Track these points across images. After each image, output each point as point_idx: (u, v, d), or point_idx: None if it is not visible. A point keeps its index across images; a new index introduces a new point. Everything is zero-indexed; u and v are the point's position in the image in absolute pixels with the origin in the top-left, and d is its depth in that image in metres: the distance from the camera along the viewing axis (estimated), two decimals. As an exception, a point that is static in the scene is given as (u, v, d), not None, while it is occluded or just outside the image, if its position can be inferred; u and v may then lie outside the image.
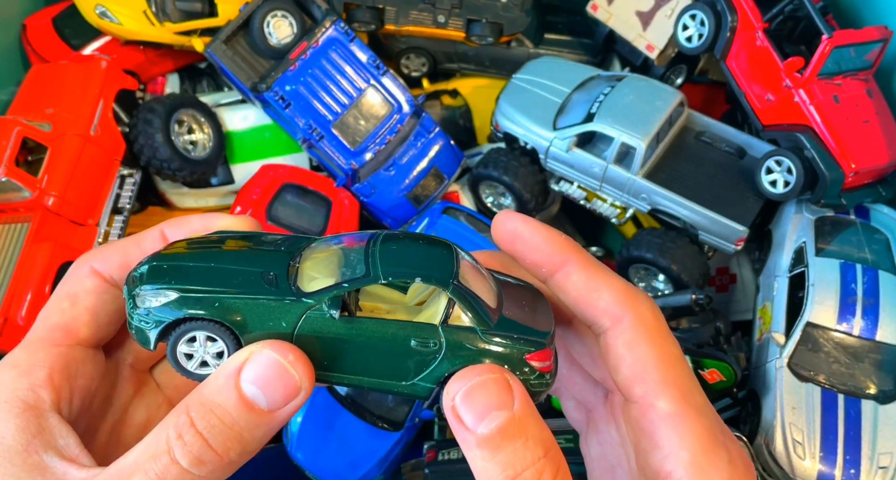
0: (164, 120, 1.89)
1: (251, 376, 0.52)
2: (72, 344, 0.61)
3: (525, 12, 2.04)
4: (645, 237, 1.86)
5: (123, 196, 1.90)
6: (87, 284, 0.63)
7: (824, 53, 1.61)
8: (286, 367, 0.53)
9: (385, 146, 2.01)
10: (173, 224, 0.66)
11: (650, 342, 0.57)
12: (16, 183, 1.66)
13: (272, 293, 0.55)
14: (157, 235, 0.65)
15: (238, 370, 0.52)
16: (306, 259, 0.59)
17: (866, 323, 1.54)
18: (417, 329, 0.56)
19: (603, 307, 0.59)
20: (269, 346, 0.53)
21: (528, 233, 0.63)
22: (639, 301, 0.59)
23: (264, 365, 0.52)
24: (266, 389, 0.52)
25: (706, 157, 1.89)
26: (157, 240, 0.65)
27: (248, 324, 0.55)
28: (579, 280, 0.60)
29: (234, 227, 0.65)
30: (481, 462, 0.51)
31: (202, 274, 0.56)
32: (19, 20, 2.12)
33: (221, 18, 2.00)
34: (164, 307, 0.54)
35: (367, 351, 0.56)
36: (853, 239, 1.68)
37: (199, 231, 0.65)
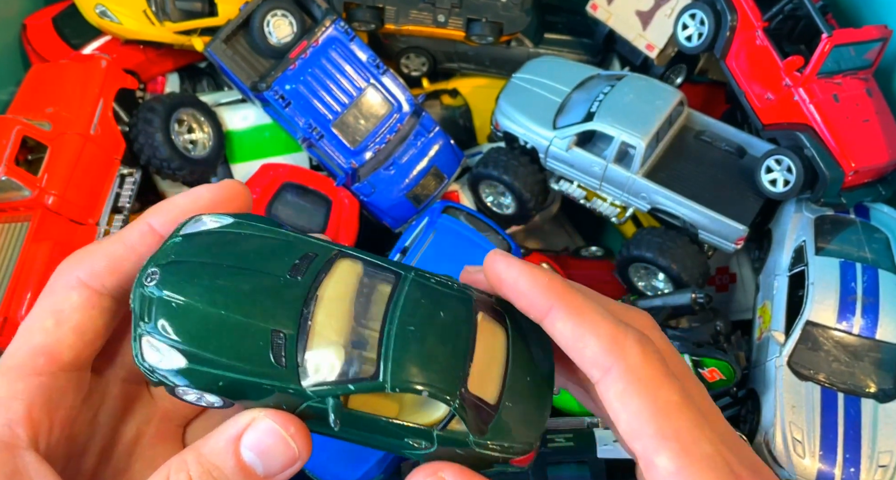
0: (164, 119, 1.89)
1: (251, 443, 0.52)
2: (55, 370, 0.55)
3: (525, 12, 2.04)
4: (645, 236, 1.86)
5: (123, 195, 1.90)
6: (73, 299, 0.57)
7: (824, 52, 1.62)
8: (286, 439, 0.53)
9: (385, 145, 2.01)
10: (159, 212, 0.60)
11: (642, 393, 0.52)
12: (16, 182, 1.66)
13: (278, 378, 0.53)
14: (144, 229, 0.59)
15: (239, 435, 0.52)
16: (321, 303, 0.55)
17: (866, 322, 1.54)
18: (413, 432, 0.56)
19: (590, 357, 0.55)
20: (270, 416, 0.53)
21: (511, 277, 0.58)
22: (626, 346, 0.54)
23: (265, 434, 0.52)
24: (265, 457, 0.52)
25: (706, 157, 1.89)
26: (145, 236, 0.59)
27: (249, 397, 0.55)
28: (564, 328, 0.56)
29: (222, 200, 0.60)
30: None
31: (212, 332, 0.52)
32: (19, 19, 2.12)
33: (221, 18, 2.00)
34: (172, 371, 0.52)
35: (363, 436, 0.57)
36: (853, 238, 1.68)
37: (184, 206, 0.59)
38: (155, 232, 0.59)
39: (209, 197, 0.60)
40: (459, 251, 1.90)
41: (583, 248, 2.32)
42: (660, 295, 1.77)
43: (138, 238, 0.59)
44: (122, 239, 0.59)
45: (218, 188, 0.60)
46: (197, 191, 0.60)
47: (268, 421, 0.52)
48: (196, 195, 0.60)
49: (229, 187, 0.61)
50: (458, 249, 1.90)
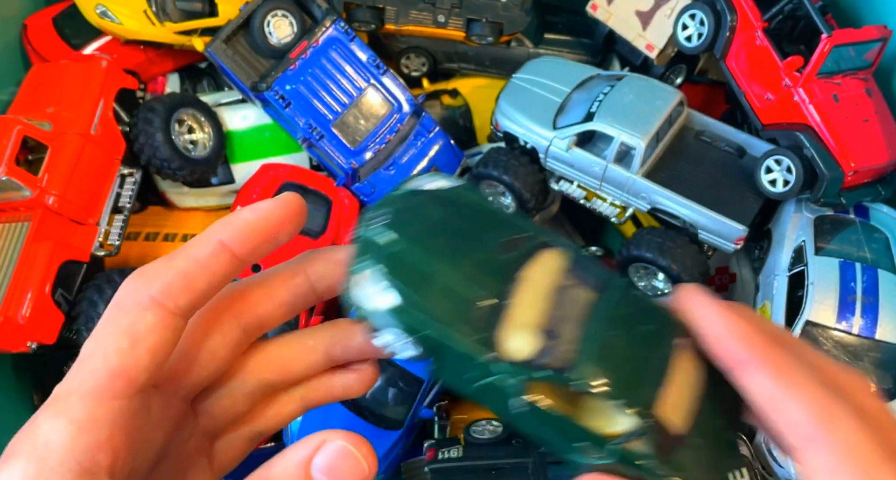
0: (164, 119, 1.89)
1: (323, 465, 0.50)
2: (132, 394, 0.53)
3: (525, 12, 2.05)
4: (644, 236, 1.87)
5: (124, 195, 1.90)
6: (148, 320, 0.54)
7: (823, 52, 1.62)
8: (359, 460, 0.51)
9: (385, 145, 2.01)
10: (227, 228, 0.58)
11: (857, 475, 0.48)
12: (16, 182, 1.66)
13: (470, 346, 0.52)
14: (217, 247, 0.57)
15: (310, 458, 0.50)
16: (525, 285, 0.54)
17: (866, 322, 1.54)
18: (590, 438, 0.52)
19: (792, 423, 0.50)
20: (342, 437, 0.52)
21: (706, 317, 0.55)
22: (839, 418, 0.49)
23: (338, 456, 0.51)
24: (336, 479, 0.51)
25: (706, 157, 1.89)
26: (217, 254, 0.57)
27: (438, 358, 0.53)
28: (762, 386, 0.52)
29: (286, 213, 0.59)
30: None
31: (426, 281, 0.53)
32: (20, 20, 2.12)
33: (222, 18, 2.00)
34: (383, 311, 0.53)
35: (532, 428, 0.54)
36: (852, 238, 1.69)
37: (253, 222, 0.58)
38: (226, 248, 0.57)
39: (274, 211, 0.59)
40: (459, 251, 1.90)
41: (583, 248, 2.32)
42: (659, 295, 1.78)
43: (210, 256, 0.57)
44: (195, 256, 0.57)
45: (282, 203, 0.60)
46: (262, 206, 0.59)
47: (340, 443, 0.51)
48: (262, 209, 0.59)
49: (292, 201, 0.60)
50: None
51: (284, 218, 0.60)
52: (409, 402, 1.79)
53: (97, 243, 1.81)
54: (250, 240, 0.58)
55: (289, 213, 0.60)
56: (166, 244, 2.04)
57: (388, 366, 1.80)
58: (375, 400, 1.81)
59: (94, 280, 1.77)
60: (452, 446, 1.55)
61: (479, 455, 1.47)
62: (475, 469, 1.45)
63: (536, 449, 1.45)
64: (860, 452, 0.48)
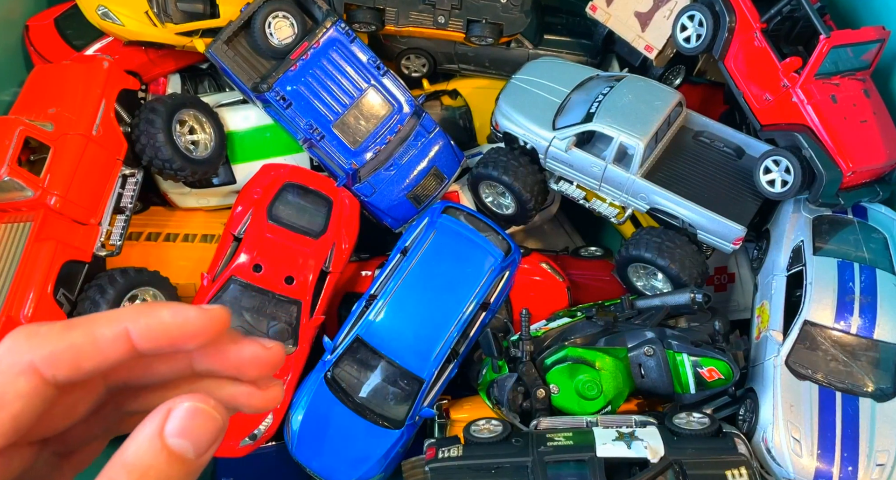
0: (165, 120, 1.90)
1: (175, 429, 0.51)
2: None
3: (525, 13, 2.05)
4: (644, 236, 1.87)
5: (125, 195, 1.91)
6: (19, 385, 0.52)
7: (822, 53, 1.62)
8: (210, 412, 0.52)
9: (385, 146, 2.02)
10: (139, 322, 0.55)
11: None
12: (18, 182, 1.67)
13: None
14: (120, 335, 0.54)
15: (161, 427, 0.51)
16: None
17: (864, 322, 1.55)
18: None
19: None
20: (186, 398, 0.52)
21: None
22: None
23: (188, 416, 0.51)
24: (193, 438, 0.51)
25: (704, 157, 1.90)
26: (118, 341, 0.54)
27: None
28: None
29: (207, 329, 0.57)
30: None
31: None
32: (22, 21, 2.13)
33: (223, 19, 2.01)
34: None
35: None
36: (851, 238, 1.69)
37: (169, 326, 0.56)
38: (129, 340, 0.55)
39: (194, 322, 0.56)
40: (459, 251, 1.91)
41: (582, 248, 2.33)
42: (659, 295, 1.78)
43: (111, 342, 0.54)
44: (94, 336, 0.54)
45: (208, 318, 0.57)
46: (185, 313, 0.57)
47: (185, 404, 0.51)
48: (184, 317, 0.56)
49: (217, 316, 0.57)
50: (457, 249, 1.91)
51: (202, 332, 0.57)
52: (409, 402, 1.80)
53: (99, 243, 1.82)
54: (157, 341, 0.56)
55: (209, 330, 0.57)
56: (168, 244, 2.05)
57: (388, 366, 1.81)
58: (376, 399, 1.82)
59: (95, 280, 1.78)
60: (452, 445, 1.55)
61: (478, 454, 1.48)
62: (475, 468, 1.45)
63: (536, 449, 1.46)
64: None
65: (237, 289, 1.83)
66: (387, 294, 1.83)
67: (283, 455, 1.85)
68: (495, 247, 1.91)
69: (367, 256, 2.17)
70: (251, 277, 1.83)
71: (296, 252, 1.88)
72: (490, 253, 1.90)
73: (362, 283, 2.09)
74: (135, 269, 1.81)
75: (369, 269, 2.11)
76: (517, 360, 1.70)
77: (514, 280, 1.98)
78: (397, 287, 1.83)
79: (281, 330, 1.85)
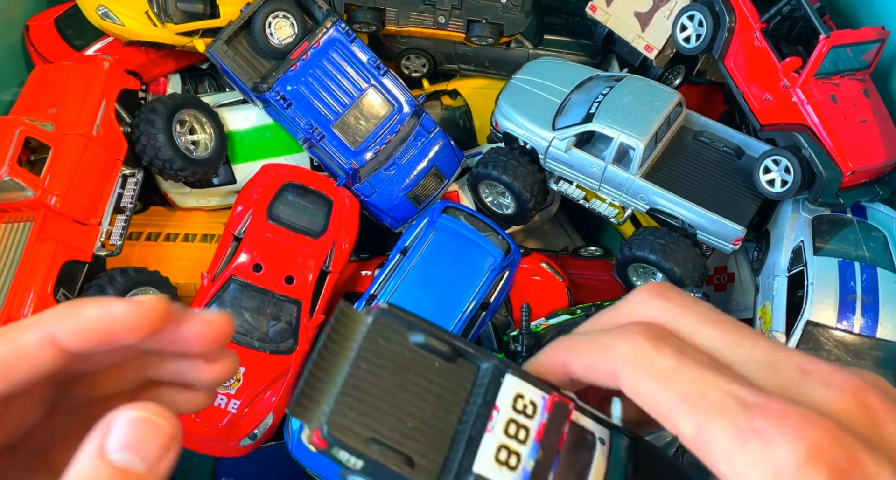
0: (166, 120, 1.90)
1: (117, 444, 0.47)
2: None
3: (525, 13, 2.05)
4: (647, 237, 1.87)
5: (125, 195, 1.91)
6: None
7: (822, 53, 1.63)
8: (153, 419, 0.48)
9: (385, 146, 2.02)
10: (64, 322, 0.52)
11: (644, 374, 0.51)
12: (19, 182, 1.67)
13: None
14: (43, 339, 0.51)
15: (101, 446, 0.47)
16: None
17: (866, 321, 1.55)
18: None
19: (602, 375, 0.54)
20: (126, 408, 0.48)
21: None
22: (615, 344, 0.54)
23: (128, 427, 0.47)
24: (139, 450, 0.47)
25: (704, 157, 1.90)
26: (43, 347, 0.51)
27: None
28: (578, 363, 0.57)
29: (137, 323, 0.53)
30: None
31: None
32: (22, 21, 2.13)
33: (223, 19, 2.01)
34: None
35: None
36: (851, 237, 1.69)
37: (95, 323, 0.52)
38: (54, 343, 0.52)
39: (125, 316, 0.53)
40: (459, 251, 1.91)
41: (582, 248, 2.33)
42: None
43: (35, 348, 0.51)
44: (17, 345, 0.51)
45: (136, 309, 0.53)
46: (113, 307, 0.53)
47: (125, 414, 0.47)
48: (111, 311, 0.53)
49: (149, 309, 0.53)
50: (458, 249, 1.91)
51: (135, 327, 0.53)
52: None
53: (99, 243, 1.81)
54: (87, 340, 0.52)
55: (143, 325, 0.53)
56: (168, 244, 2.05)
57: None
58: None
59: (95, 279, 1.78)
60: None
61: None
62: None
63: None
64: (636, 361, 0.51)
65: (237, 289, 1.83)
66: (386, 293, 1.83)
67: (283, 455, 1.84)
68: (495, 247, 1.91)
69: (366, 256, 2.17)
70: (251, 277, 1.83)
71: (296, 252, 1.89)
72: (490, 253, 1.90)
73: (362, 283, 2.09)
74: (135, 269, 1.81)
75: (369, 269, 2.11)
76: (517, 355, 1.70)
77: (514, 279, 1.98)
78: (397, 286, 1.83)
79: (281, 329, 1.85)
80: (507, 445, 0.54)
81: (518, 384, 0.58)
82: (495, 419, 0.55)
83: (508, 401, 0.56)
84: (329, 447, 0.53)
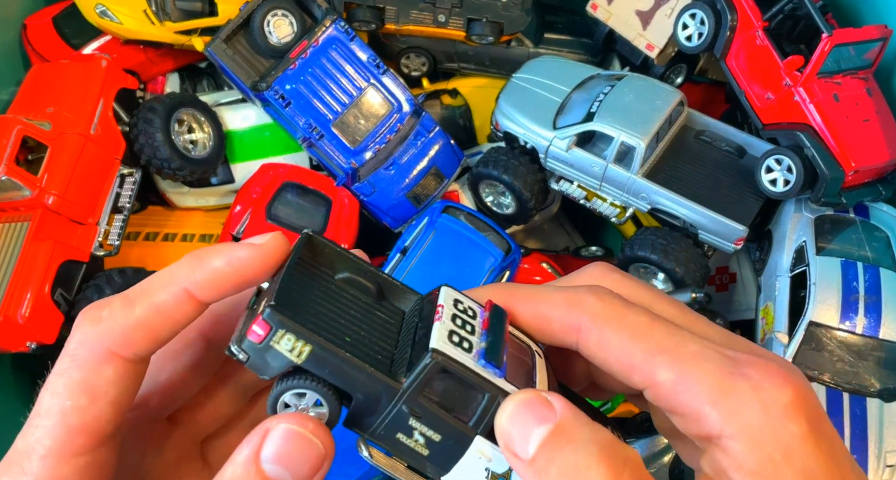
0: (164, 119, 1.89)
1: (271, 455, 0.49)
2: (97, 447, 0.52)
3: (525, 12, 2.04)
4: (648, 237, 1.86)
5: (123, 195, 1.90)
6: (107, 374, 0.52)
7: (824, 52, 1.62)
8: (308, 437, 0.50)
9: (385, 145, 2.01)
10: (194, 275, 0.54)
11: (616, 329, 0.53)
12: (16, 181, 1.66)
13: None
14: (181, 297, 0.53)
15: (256, 452, 0.49)
16: None
17: (869, 321, 1.54)
18: None
19: (558, 328, 0.56)
20: (285, 419, 0.50)
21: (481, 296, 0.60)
22: (584, 302, 0.55)
23: (284, 440, 0.49)
24: (290, 465, 0.49)
25: (706, 157, 1.89)
26: (182, 303, 0.53)
27: None
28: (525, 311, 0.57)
29: (261, 260, 0.55)
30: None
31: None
32: (19, 19, 2.12)
33: (221, 17, 2.00)
34: None
35: None
36: (853, 237, 1.68)
37: (226, 274, 0.54)
38: (192, 297, 0.54)
39: (251, 260, 0.54)
40: (459, 251, 1.90)
41: (583, 248, 2.31)
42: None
43: (174, 305, 0.53)
44: (156, 305, 0.53)
45: (259, 249, 0.55)
46: (237, 253, 0.55)
47: (283, 426, 0.49)
48: (237, 258, 0.54)
49: (273, 246, 0.55)
50: (457, 249, 1.90)
51: (262, 267, 0.55)
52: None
53: (97, 243, 1.80)
54: (219, 290, 0.54)
55: (268, 263, 0.55)
56: (166, 244, 2.04)
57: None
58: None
59: (93, 279, 1.77)
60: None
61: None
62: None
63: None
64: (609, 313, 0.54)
65: (236, 289, 1.82)
66: (387, 294, 1.82)
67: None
68: (495, 247, 1.90)
69: (366, 256, 2.16)
70: (250, 277, 1.82)
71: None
72: (490, 253, 1.89)
73: (362, 283, 2.08)
74: (133, 269, 1.80)
75: (369, 269, 2.10)
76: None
77: (514, 279, 1.97)
78: (397, 287, 1.83)
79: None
80: (457, 332, 0.54)
81: (455, 293, 0.59)
82: (441, 312, 0.55)
83: (450, 302, 0.57)
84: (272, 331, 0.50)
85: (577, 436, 0.48)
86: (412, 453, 0.55)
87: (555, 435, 0.48)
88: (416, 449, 0.55)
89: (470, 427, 0.54)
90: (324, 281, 0.59)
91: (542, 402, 0.49)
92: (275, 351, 0.51)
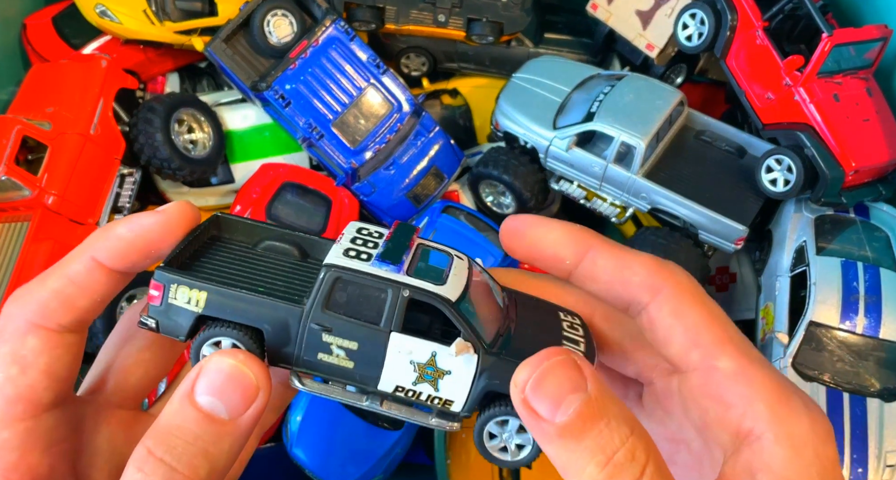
0: (164, 119, 1.89)
1: (204, 387, 0.50)
2: (38, 413, 0.54)
3: (525, 11, 2.04)
4: (648, 237, 1.86)
5: (123, 195, 1.90)
6: (31, 343, 0.54)
7: (824, 52, 1.62)
8: (239, 367, 0.50)
9: (385, 145, 2.01)
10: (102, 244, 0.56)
11: (696, 306, 0.55)
12: (16, 181, 1.66)
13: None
14: (90, 265, 0.56)
15: (191, 388, 0.50)
16: None
17: (869, 321, 1.53)
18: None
19: (638, 282, 0.57)
20: (217, 354, 0.52)
21: (543, 229, 0.61)
22: (672, 269, 0.58)
23: (216, 372, 0.50)
24: (224, 396, 0.50)
25: (706, 157, 1.89)
26: (92, 271, 0.56)
27: None
28: (607, 262, 0.58)
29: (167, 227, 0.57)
30: (567, 454, 0.47)
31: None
32: (19, 19, 2.12)
33: (221, 17, 2.00)
34: None
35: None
36: (853, 237, 1.68)
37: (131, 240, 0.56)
38: (101, 266, 0.56)
39: (153, 225, 0.56)
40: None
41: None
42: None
43: (85, 273, 0.56)
44: (69, 276, 0.56)
45: (162, 214, 0.57)
46: (140, 220, 0.57)
47: (214, 359, 0.51)
48: (139, 224, 0.57)
49: (174, 211, 0.57)
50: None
51: (164, 232, 0.57)
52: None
53: (96, 243, 1.80)
54: (126, 257, 0.56)
55: (167, 224, 0.57)
56: (166, 244, 2.04)
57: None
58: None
59: (93, 280, 1.77)
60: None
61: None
62: None
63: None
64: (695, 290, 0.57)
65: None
66: (387, 294, 1.82)
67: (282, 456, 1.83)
68: (495, 247, 1.90)
69: (366, 256, 2.16)
70: (250, 277, 1.82)
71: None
72: (490, 253, 1.89)
73: (362, 283, 2.08)
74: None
75: (369, 269, 2.10)
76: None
77: (514, 280, 1.97)
78: (397, 287, 1.82)
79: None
80: (355, 249, 0.57)
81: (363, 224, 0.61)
82: (341, 238, 0.58)
83: (352, 230, 0.60)
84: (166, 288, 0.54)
85: (610, 412, 0.48)
86: (340, 370, 0.57)
87: (590, 407, 0.48)
88: (341, 364, 0.56)
89: (381, 328, 0.55)
90: (238, 251, 0.61)
91: (574, 366, 0.49)
92: (176, 307, 0.53)
